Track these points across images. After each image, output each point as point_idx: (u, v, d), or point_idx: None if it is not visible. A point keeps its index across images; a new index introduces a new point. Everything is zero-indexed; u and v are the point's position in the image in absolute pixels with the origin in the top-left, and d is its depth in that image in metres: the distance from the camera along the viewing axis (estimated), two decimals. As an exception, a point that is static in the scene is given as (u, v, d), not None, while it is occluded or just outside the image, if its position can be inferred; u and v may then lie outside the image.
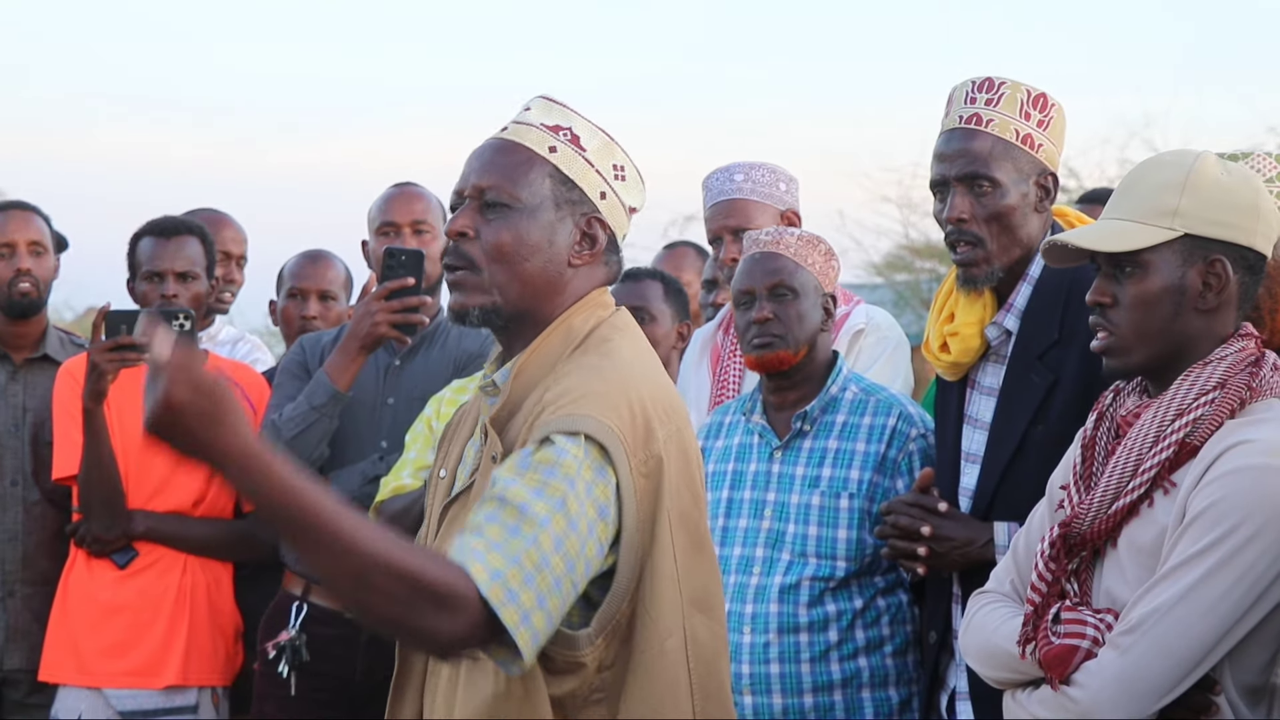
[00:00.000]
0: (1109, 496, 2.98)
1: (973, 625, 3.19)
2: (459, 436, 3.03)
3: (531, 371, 2.83)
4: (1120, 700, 2.87)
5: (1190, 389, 2.97)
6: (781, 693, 4.02)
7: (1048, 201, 3.81)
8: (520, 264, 2.83)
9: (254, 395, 5.11)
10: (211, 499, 5.04)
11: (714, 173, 5.06)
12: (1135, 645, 2.88)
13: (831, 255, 4.29)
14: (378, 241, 5.04)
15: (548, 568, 2.58)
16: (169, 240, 5.02)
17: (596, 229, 2.88)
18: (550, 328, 2.85)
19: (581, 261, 2.87)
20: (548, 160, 2.85)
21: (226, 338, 5.89)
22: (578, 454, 2.65)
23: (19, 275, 5.20)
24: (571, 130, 2.88)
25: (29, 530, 5.15)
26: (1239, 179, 3.03)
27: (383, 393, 4.94)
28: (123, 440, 4.94)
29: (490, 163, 2.86)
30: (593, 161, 2.88)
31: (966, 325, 3.83)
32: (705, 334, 5.10)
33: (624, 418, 2.71)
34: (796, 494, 4.11)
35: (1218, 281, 2.99)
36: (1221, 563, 2.85)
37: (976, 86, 3.80)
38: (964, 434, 3.88)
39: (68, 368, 5.07)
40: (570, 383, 2.74)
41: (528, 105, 2.92)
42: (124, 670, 4.93)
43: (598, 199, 2.88)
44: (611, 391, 2.73)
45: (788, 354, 4.15)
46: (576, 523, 2.63)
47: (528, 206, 2.83)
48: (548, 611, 2.59)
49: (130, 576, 4.97)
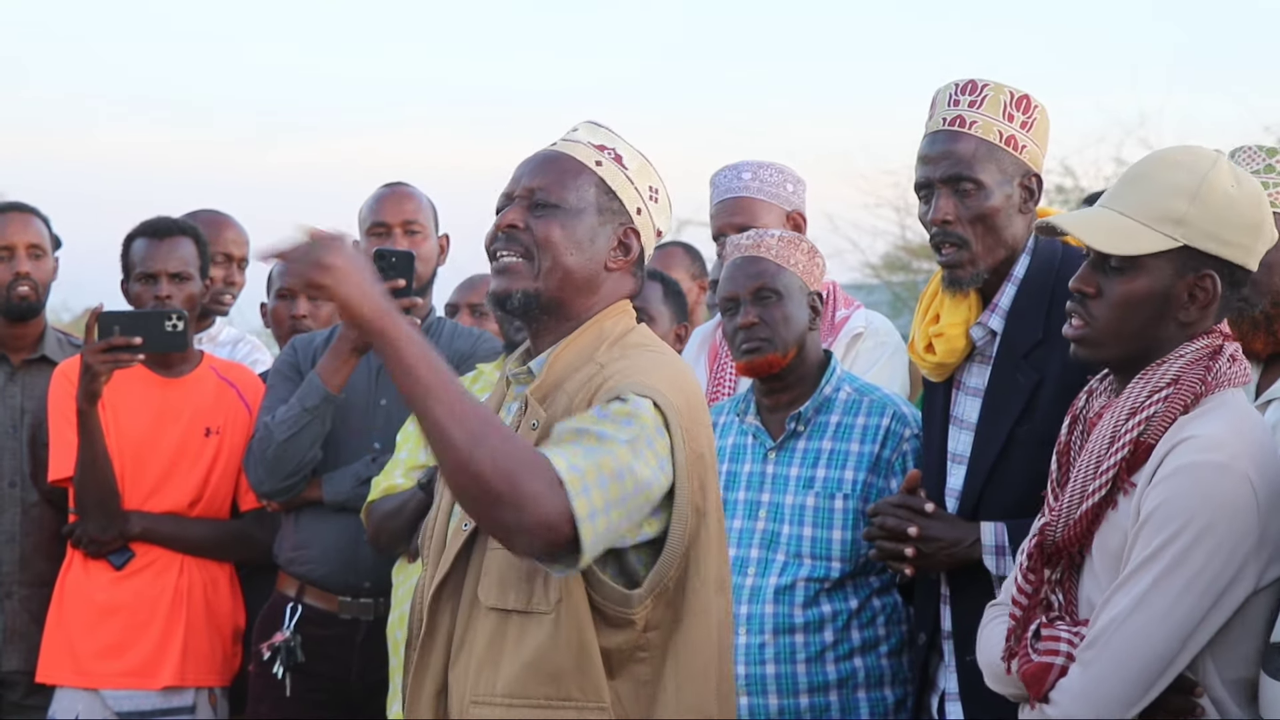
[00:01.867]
0: (1075, 500, 2.98)
1: (981, 639, 3.19)
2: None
3: (567, 361, 3.05)
4: (1089, 715, 2.87)
5: (1144, 388, 2.96)
6: (777, 693, 4.02)
7: (1032, 203, 3.81)
8: (564, 257, 3.07)
9: (251, 396, 5.11)
10: (208, 499, 5.05)
11: (722, 170, 5.06)
12: (1097, 659, 2.88)
13: (815, 254, 4.28)
14: (369, 242, 5.04)
15: (619, 480, 2.83)
16: (162, 241, 5.01)
17: (632, 239, 3.13)
18: (584, 326, 3.09)
19: (617, 266, 3.13)
20: (594, 171, 3.11)
21: (226, 338, 5.90)
22: (649, 408, 2.90)
23: (18, 279, 5.19)
24: (615, 150, 3.14)
25: (27, 532, 5.14)
26: (1248, 195, 2.99)
27: (375, 394, 4.94)
28: (118, 441, 4.95)
29: (540, 168, 3.11)
30: (633, 179, 3.14)
31: (952, 326, 3.83)
32: (705, 331, 5.10)
33: (678, 401, 2.96)
34: (791, 495, 4.11)
35: (1204, 296, 2.97)
36: (1171, 567, 2.84)
37: (960, 89, 3.81)
38: (950, 434, 3.88)
39: (62, 369, 5.07)
40: (629, 364, 2.99)
41: (575, 127, 3.18)
42: (121, 671, 4.94)
43: (634, 214, 3.13)
44: (666, 378, 2.98)
45: (776, 356, 4.14)
46: (645, 458, 2.87)
47: (574, 208, 3.08)
48: (611, 521, 2.82)
49: (127, 577, 4.97)
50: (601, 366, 3.01)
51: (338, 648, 4.83)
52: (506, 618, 2.97)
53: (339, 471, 4.89)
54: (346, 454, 4.90)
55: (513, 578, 2.97)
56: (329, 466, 4.90)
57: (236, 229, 5.85)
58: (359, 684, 4.85)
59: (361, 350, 4.81)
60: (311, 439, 4.82)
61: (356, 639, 4.85)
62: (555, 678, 2.93)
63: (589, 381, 2.98)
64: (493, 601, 2.99)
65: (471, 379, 4.67)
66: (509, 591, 2.97)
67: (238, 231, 5.85)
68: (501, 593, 2.98)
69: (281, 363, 5.06)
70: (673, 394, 2.96)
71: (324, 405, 4.80)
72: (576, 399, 2.98)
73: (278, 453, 4.81)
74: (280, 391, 4.93)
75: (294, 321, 5.58)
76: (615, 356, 3.03)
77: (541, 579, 2.94)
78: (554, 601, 2.93)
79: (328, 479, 4.89)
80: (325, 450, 4.87)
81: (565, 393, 3.01)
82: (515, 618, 2.96)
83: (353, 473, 4.87)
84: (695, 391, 3.07)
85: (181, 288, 4.99)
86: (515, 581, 2.97)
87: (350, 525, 4.82)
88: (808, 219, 5.06)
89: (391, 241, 4.99)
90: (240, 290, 5.93)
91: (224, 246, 5.71)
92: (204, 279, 5.07)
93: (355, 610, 4.85)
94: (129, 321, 4.83)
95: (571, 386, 3.01)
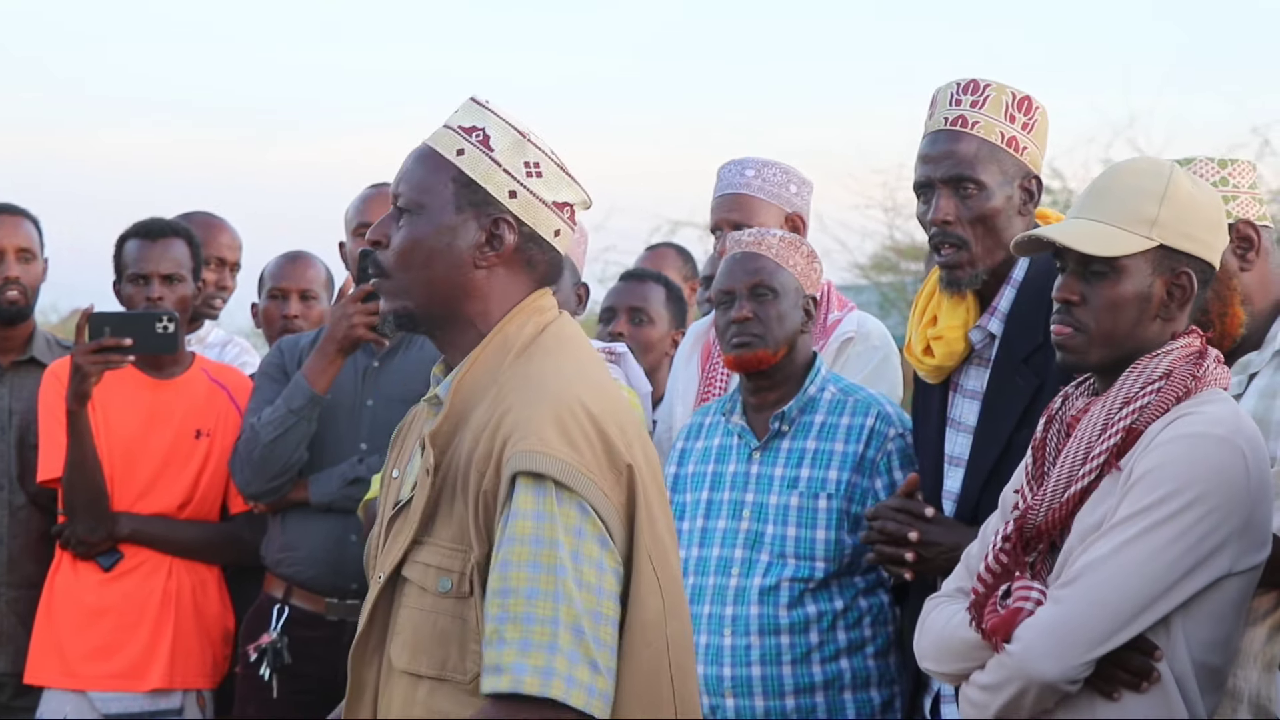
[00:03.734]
0: (1060, 486, 3.06)
1: (925, 626, 3.23)
2: (410, 436, 3.01)
3: (471, 384, 2.84)
4: (1053, 650, 2.94)
5: (1137, 379, 3.06)
6: (763, 695, 4.03)
7: (1031, 204, 3.82)
8: (419, 268, 2.86)
9: (242, 399, 5.09)
10: (198, 501, 5.04)
11: (728, 163, 5.05)
12: (1069, 596, 2.95)
13: (814, 258, 4.29)
14: (354, 243, 5.02)
15: (583, 635, 2.67)
16: (155, 242, 5.01)
17: (504, 229, 2.86)
18: (487, 338, 2.86)
19: (488, 263, 2.87)
20: (452, 164, 2.86)
21: (215, 340, 5.88)
22: (549, 508, 2.69)
23: (7, 283, 5.16)
24: (485, 130, 2.88)
25: (14, 534, 5.13)
26: (1207, 195, 3.14)
27: (361, 394, 4.94)
28: (108, 442, 4.94)
29: (405, 171, 2.91)
30: (500, 161, 2.86)
31: (951, 329, 3.83)
32: (699, 329, 5.09)
33: (581, 446, 2.73)
34: (775, 495, 4.12)
35: (1181, 293, 3.10)
36: (1159, 522, 2.93)
37: (961, 88, 3.81)
38: (947, 437, 3.88)
39: (52, 370, 5.06)
40: (522, 411, 2.74)
41: (458, 106, 2.95)
42: (109, 673, 4.93)
43: (506, 199, 2.86)
44: (563, 414, 2.74)
45: (766, 353, 4.15)
46: (588, 568, 2.70)
47: (429, 211, 2.86)
48: (606, 668, 2.68)
49: (115, 579, 4.97)
50: (500, 394, 2.79)
51: (325, 649, 4.82)
52: (417, 682, 2.78)
53: (325, 472, 4.88)
54: (333, 455, 4.90)
55: (426, 639, 2.78)
56: (315, 468, 4.89)
57: (230, 233, 5.83)
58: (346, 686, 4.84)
59: (347, 351, 4.82)
60: (297, 440, 4.81)
61: (344, 640, 4.82)
62: None
63: (489, 422, 2.76)
64: (404, 664, 2.80)
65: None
66: (420, 655, 2.78)
67: (231, 235, 5.82)
68: (414, 656, 2.79)
69: (267, 364, 5.05)
70: (576, 437, 2.73)
71: (309, 406, 4.80)
72: (479, 448, 2.76)
73: (264, 454, 4.81)
74: (266, 393, 4.92)
75: (285, 321, 5.58)
76: (512, 387, 2.79)
77: (457, 644, 2.76)
78: (472, 674, 2.74)
79: (314, 480, 4.89)
80: (311, 451, 4.87)
81: (469, 432, 2.78)
82: (426, 683, 2.78)
83: (339, 474, 4.87)
84: (605, 403, 2.82)
85: (174, 289, 4.99)
86: (428, 644, 2.77)
87: (337, 526, 4.82)
88: (808, 222, 5.06)
89: (378, 242, 4.98)
90: (231, 294, 5.90)
91: (217, 250, 5.70)
92: (196, 281, 5.07)
93: (342, 611, 4.84)
94: (120, 322, 4.83)
95: (475, 422, 2.79)
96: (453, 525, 2.78)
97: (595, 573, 2.70)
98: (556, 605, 2.65)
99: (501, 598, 2.67)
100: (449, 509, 2.79)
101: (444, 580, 2.76)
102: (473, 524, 2.74)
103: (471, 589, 2.74)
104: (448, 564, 2.77)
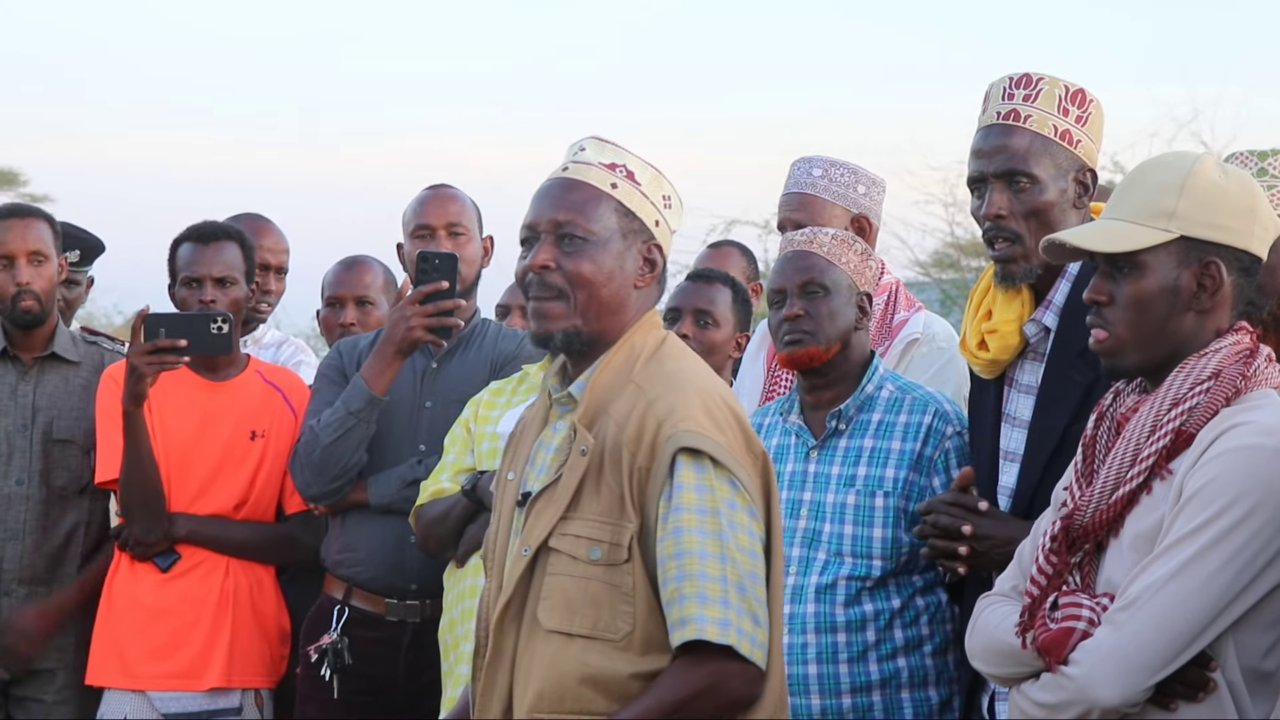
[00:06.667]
0: (1109, 487, 3.05)
1: (977, 626, 3.23)
2: (525, 441, 3.35)
3: (604, 384, 3.19)
4: (1115, 675, 2.93)
5: (1186, 379, 3.04)
6: (820, 693, 4.01)
7: (1086, 198, 3.79)
8: (598, 290, 3.20)
9: (297, 400, 5.12)
10: (253, 502, 5.06)
11: (799, 160, 5.04)
12: (1130, 620, 2.93)
13: (868, 255, 4.27)
14: (412, 245, 5.03)
15: (745, 590, 3.07)
16: (207, 246, 5.02)
17: (655, 254, 3.27)
18: (615, 346, 3.22)
19: (644, 284, 3.26)
20: (611, 196, 3.23)
21: (271, 341, 5.89)
22: (709, 481, 3.09)
23: (20, 291, 5.14)
24: (626, 167, 3.25)
25: (30, 530, 5.16)
26: (1236, 182, 3.10)
27: (420, 396, 4.95)
28: (164, 444, 4.96)
29: (561, 200, 3.22)
30: (647, 194, 3.26)
31: (1005, 323, 3.81)
32: (765, 329, 5.07)
33: (726, 431, 3.14)
34: (832, 493, 4.10)
35: (1212, 283, 3.06)
36: (1216, 539, 2.91)
37: (1014, 82, 3.78)
38: (1002, 432, 3.86)
39: (109, 373, 5.08)
40: (672, 398, 3.13)
41: (582, 145, 3.29)
42: (168, 673, 4.96)
43: (653, 227, 3.26)
44: (709, 403, 3.15)
45: (818, 350, 4.14)
46: (741, 534, 3.10)
47: (600, 238, 3.21)
48: (764, 622, 3.09)
49: (173, 579, 4.99)
50: (640, 389, 3.16)
51: (385, 650, 4.84)
52: (569, 641, 3.11)
53: (384, 474, 4.90)
54: (392, 456, 4.91)
55: (578, 602, 3.11)
56: (374, 469, 4.90)
57: (276, 235, 5.82)
58: (406, 686, 4.86)
59: (406, 353, 4.82)
60: (357, 442, 4.83)
61: (403, 641, 4.86)
62: (618, 695, 3.09)
63: (634, 410, 3.13)
64: (555, 624, 3.12)
65: (518, 380, 4.68)
66: (573, 616, 3.11)
67: (277, 239, 5.81)
68: (566, 617, 3.11)
69: (326, 366, 5.07)
70: (722, 425, 3.14)
71: (369, 408, 4.81)
72: (626, 431, 3.12)
73: (323, 456, 4.82)
74: (325, 395, 4.94)
75: (343, 329, 5.58)
76: (652, 377, 3.17)
77: (608, 606, 3.11)
78: (624, 632, 3.10)
79: (373, 481, 4.90)
80: (371, 453, 4.88)
81: (612, 419, 3.14)
82: (579, 641, 3.10)
83: (398, 475, 4.88)
84: (729, 398, 3.21)
85: (226, 292, 5.00)
86: (580, 606, 3.11)
87: (396, 527, 4.82)
88: (876, 224, 5.02)
89: (435, 244, 4.98)
90: (278, 299, 5.89)
91: (260, 255, 5.69)
92: (249, 283, 5.09)
93: (402, 612, 4.86)
94: (175, 324, 4.85)
95: (617, 412, 3.15)
96: (601, 500, 3.12)
97: (748, 539, 3.10)
98: (724, 565, 3.05)
99: (677, 560, 3.05)
100: (595, 486, 3.13)
101: (594, 549, 3.11)
102: (629, 497, 3.10)
103: (629, 556, 3.10)
104: (598, 534, 3.11)
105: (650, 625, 3.09)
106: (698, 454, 3.08)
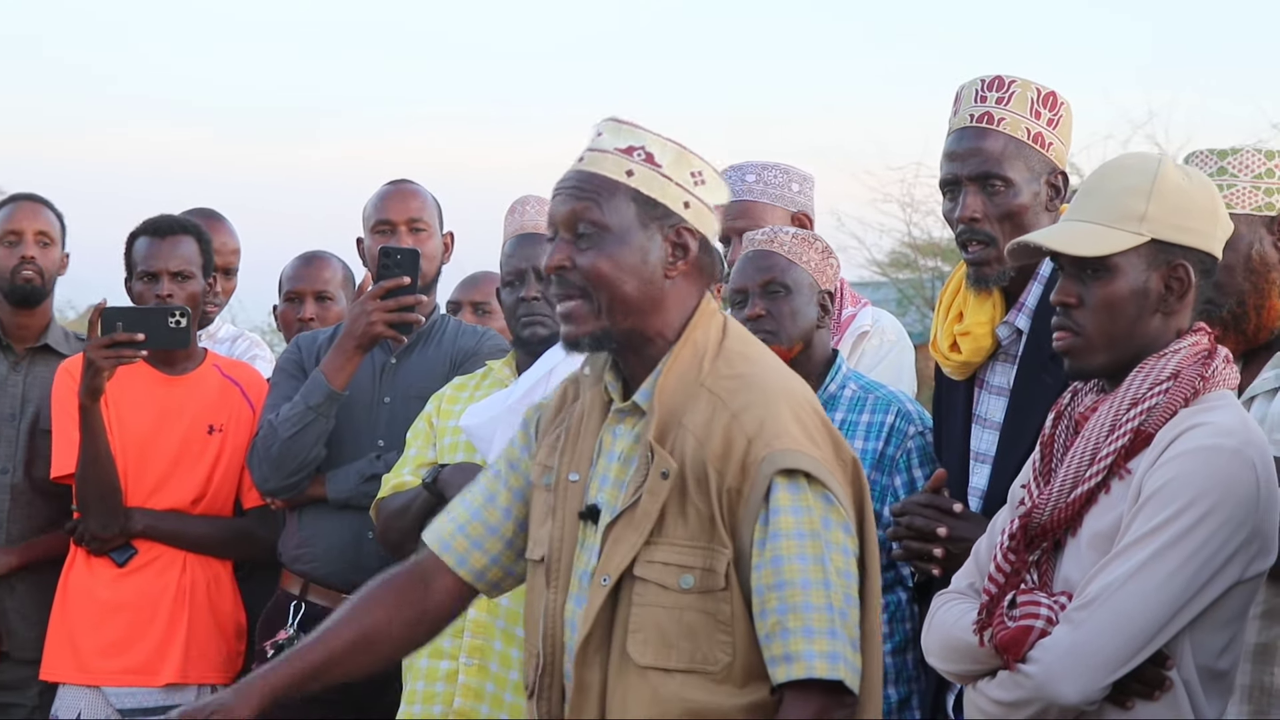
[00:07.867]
0: (1067, 486, 3.06)
1: (934, 623, 3.23)
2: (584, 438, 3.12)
3: (672, 389, 3.00)
4: (1073, 673, 2.93)
5: (1145, 380, 3.05)
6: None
7: (1058, 200, 3.80)
8: (620, 287, 3.00)
9: (254, 394, 5.10)
10: (211, 497, 5.04)
11: (726, 170, 5.03)
12: (1088, 619, 2.95)
13: (829, 253, 4.27)
14: (373, 240, 5.03)
15: (847, 616, 2.92)
16: (164, 240, 5.00)
17: (686, 238, 3.04)
18: (677, 346, 3.02)
19: (677, 271, 3.04)
20: (626, 184, 3.01)
21: (226, 335, 5.86)
22: (805, 501, 2.92)
23: (23, 262, 5.20)
24: (645, 149, 3.04)
25: (14, 520, 5.15)
26: (1198, 185, 3.12)
27: (379, 391, 4.93)
28: (121, 438, 4.95)
29: (574, 193, 3.03)
30: (670, 175, 3.04)
31: (978, 325, 3.81)
32: None
33: (819, 441, 2.97)
34: (795, 493, 4.09)
35: (1179, 285, 3.08)
36: (1174, 539, 2.93)
37: (986, 85, 3.79)
38: (973, 433, 3.86)
39: (66, 366, 5.06)
40: (760, 411, 2.94)
41: (599, 130, 3.08)
42: (123, 668, 4.94)
43: (682, 209, 3.04)
44: (799, 411, 2.97)
45: (780, 350, 4.13)
46: (837, 554, 2.94)
47: (617, 231, 3.01)
48: (859, 646, 2.94)
49: (129, 574, 4.97)
50: (718, 397, 2.97)
51: (341, 646, 4.82)
52: (668, 676, 2.93)
53: (343, 469, 4.88)
54: (350, 451, 4.90)
55: (673, 634, 2.94)
56: (333, 464, 4.89)
57: (226, 234, 5.72)
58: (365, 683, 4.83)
59: (366, 348, 4.81)
60: (315, 436, 4.81)
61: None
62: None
63: (714, 422, 2.95)
64: (650, 660, 2.94)
65: (481, 375, 4.66)
66: (669, 650, 2.94)
67: (227, 237, 5.72)
68: (661, 651, 2.94)
69: (285, 360, 5.05)
70: (813, 433, 2.97)
71: (328, 403, 4.80)
72: (710, 447, 2.93)
73: (282, 450, 4.81)
74: (284, 389, 4.92)
75: (301, 324, 5.56)
76: (728, 383, 2.99)
77: (705, 637, 2.94)
78: (723, 663, 2.94)
79: (331, 476, 4.89)
80: (329, 448, 4.86)
81: (690, 432, 2.96)
82: (678, 676, 2.93)
83: (356, 470, 4.86)
84: (812, 399, 3.06)
85: (183, 286, 4.98)
86: (676, 639, 2.93)
87: (354, 523, 4.81)
88: (814, 218, 5.04)
89: (396, 239, 4.98)
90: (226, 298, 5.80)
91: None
92: (206, 278, 5.06)
93: (359, 608, 4.84)
94: (132, 318, 4.83)
95: (693, 424, 2.96)
96: (689, 524, 2.93)
97: (843, 558, 2.94)
98: (828, 592, 2.89)
99: (778, 591, 2.89)
100: (680, 508, 2.94)
101: (686, 577, 2.92)
102: (720, 520, 2.92)
103: (727, 584, 2.92)
104: (688, 561, 2.93)
105: (748, 654, 2.93)
106: (792, 473, 2.91)
